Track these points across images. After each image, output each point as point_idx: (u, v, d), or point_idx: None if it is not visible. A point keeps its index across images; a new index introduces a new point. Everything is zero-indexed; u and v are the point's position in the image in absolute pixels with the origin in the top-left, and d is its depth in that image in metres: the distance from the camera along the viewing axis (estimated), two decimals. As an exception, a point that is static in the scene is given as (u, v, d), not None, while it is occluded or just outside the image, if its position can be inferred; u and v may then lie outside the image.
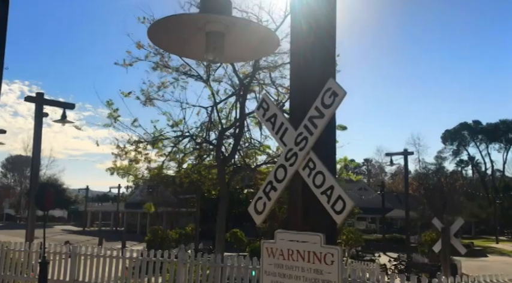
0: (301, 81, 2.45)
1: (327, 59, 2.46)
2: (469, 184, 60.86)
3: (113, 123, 12.45)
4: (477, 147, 71.12)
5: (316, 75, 2.38)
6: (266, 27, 4.17)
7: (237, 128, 13.10)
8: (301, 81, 2.45)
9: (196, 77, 12.83)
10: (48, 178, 66.35)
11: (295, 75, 2.51)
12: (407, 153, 27.56)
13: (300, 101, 2.44)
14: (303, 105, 2.36)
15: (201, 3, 2.75)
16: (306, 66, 2.43)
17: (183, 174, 14.06)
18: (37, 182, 13.51)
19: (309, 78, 2.40)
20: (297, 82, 2.49)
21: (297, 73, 2.49)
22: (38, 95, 13.70)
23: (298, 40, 2.50)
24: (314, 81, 2.36)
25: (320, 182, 2.17)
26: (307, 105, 2.30)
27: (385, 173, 76.80)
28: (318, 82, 2.30)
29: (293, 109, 2.55)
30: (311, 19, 2.44)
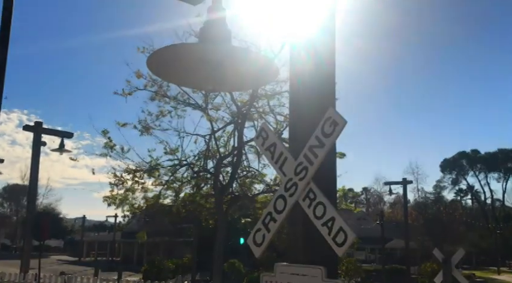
0: (300, 110, 2.44)
1: (326, 87, 2.45)
2: (469, 214, 60.45)
3: (109, 153, 12.43)
4: (476, 177, 71.01)
5: (315, 104, 2.36)
6: (265, 56, 4.19)
7: (235, 156, 13.07)
8: (300, 110, 2.44)
9: (194, 106, 12.88)
10: (45, 207, 65.81)
11: (294, 104, 2.50)
12: (406, 182, 27.48)
13: (299, 130, 2.41)
14: (302, 134, 2.34)
15: (200, 33, 2.76)
16: (304, 95, 2.42)
17: (180, 203, 13.94)
18: (34, 212, 13.37)
19: (308, 107, 2.38)
20: (296, 111, 2.47)
21: (296, 102, 2.48)
22: (36, 124, 13.72)
23: (296, 69, 2.50)
24: (313, 110, 2.34)
25: (321, 213, 2.12)
26: (307, 134, 2.27)
27: (384, 202, 76.41)
28: (317, 111, 2.28)
29: (292, 138, 2.52)
30: (310, 48, 2.44)
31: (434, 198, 68.31)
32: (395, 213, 62.55)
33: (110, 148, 12.41)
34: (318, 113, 2.26)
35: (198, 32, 2.81)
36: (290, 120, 2.61)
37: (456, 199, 70.89)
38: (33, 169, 12.95)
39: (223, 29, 2.70)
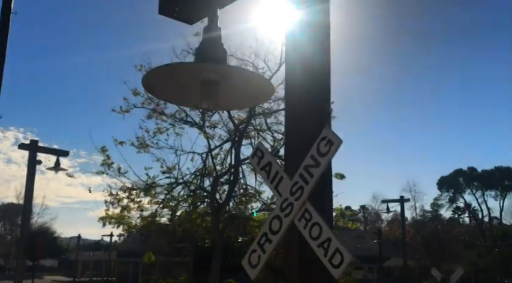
0: (295, 128, 2.43)
1: (322, 106, 2.44)
2: (467, 232, 60.23)
3: (106, 170, 12.38)
4: (473, 194, 70.92)
5: (311, 123, 2.35)
6: (261, 75, 4.20)
7: (232, 174, 13.03)
8: (295, 128, 2.43)
9: (192, 123, 12.90)
10: (40, 226, 65.17)
11: (290, 123, 2.49)
12: (403, 201, 27.43)
13: (295, 149, 2.40)
14: (298, 153, 2.32)
15: (196, 52, 2.77)
16: (300, 113, 2.41)
17: (177, 222, 13.84)
18: (28, 231, 13.23)
19: (304, 126, 2.37)
20: (292, 130, 2.46)
21: (292, 120, 2.47)
22: (32, 142, 13.67)
23: (292, 87, 2.50)
24: (309, 128, 2.33)
25: (316, 234, 2.09)
26: (303, 153, 2.26)
27: (381, 220, 76.09)
28: (313, 130, 2.27)
29: (288, 157, 2.50)
30: (306, 66, 2.45)
31: (432, 216, 68.12)
32: (393, 231, 62.24)
33: (108, 166, 12.36)
34: (314, 131, 2.25)
35: (194, 51, 2.82)
36: (286, 139, 2.60)
37: (454, 218, 70.67)
38: (28, 188, 12.85)
39: (219, 49, 2.71)
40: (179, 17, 3.21)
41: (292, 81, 2.50)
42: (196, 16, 3.22)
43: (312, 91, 2.42)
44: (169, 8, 3.16)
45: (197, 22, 3.29)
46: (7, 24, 4.37)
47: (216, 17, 2.78)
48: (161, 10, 3.18)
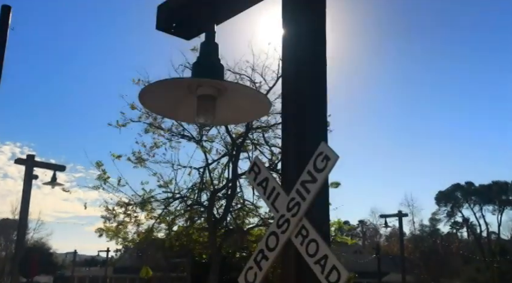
0: (292, 143, 2.42)
1: (319, 120, 2.44)
2: (465, 247, 59.98)
3: (102, 185, 12.33)
4: (471, 209, 70.76)
5: (307, 138, 2.35)
6: (257, 90, 4.21)
7: (230, 188, 12.98)
8: (292, 143, 2.42)
9: (189, 138, 12.89)
10: (36, 242, 64.56)
11: (287, 138, 2.49)
12: (401, 215, 27.36)
13: (291, 164, 2.39)
14: (295, 168, 2.31)
15: (193, 68, 2.78)
16: (296, 128, 2.40)
17: (173, 237, 13.74)
18: (23, 247, 13.11)
19: (301, 141, 2.37)
20: (289, 144, 2.45)
21: (288, 135, 2.47)
22: (29, 157, 13.63)
23: (288, 102, 2.50)
24: (306, 143, 2.32)
25: (313, 251, 2.06)
26: (300, 169, 2.25)
27: (380, 235, 75.75)
28: (310, 144, 2.27)
29: (285, 172, 2.49)
30: (302, 81, 2.45)
31: (430, 231, 67.90)
32: (391, 246, 61.96)
33: (104, 180, 12.30)
34: (311, 147, 2.24)
35: (191, 66, 2.83)
36: (282, 153, 2.59)
37: (452, 232, 70.45)
38: (23, 204, 12.76)
39: (216, 64, 2.72)
40: (176, 32, 3.23)
41: (288, 95, 2.50)
42: (193, 32, 3.24)
43: (308, 104, 2.42)
44: (166, 24, 3.18)
45: (194, 37, 3.31)
46: (4, 39, 4.39)
47: (213, 32, 2.79)
48: (159, 25, 3.20)
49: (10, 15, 8.18)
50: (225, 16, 3.04)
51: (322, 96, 2.46)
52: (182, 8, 3.11)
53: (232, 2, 2.98)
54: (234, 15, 3.06)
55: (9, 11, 7.99)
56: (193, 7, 3.05)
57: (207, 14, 2.95)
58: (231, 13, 3.03)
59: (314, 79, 2.46)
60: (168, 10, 3.16)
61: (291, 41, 2.53)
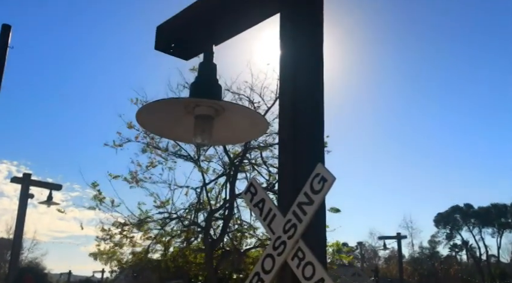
0: (289, 164, 2.40)
1: (315, 142, 2.43)
2: (465, 270, 59.38)
3: (98, 205, 12.23)
4: (470, 231, 70.34)
5: (304, 159, 2.33)
6: (255, 111, 4.22)
7: (227, 209, 12.89)
8: (289, 164, 2.40)
9: (186, 157, 12.84)
10: (30, 262, 63.71)
11: (283, 158, 2.47)
12: (400, 237, 27.16)
13: (288, 185, 2.37)
14: (292, 189, 2.29)
15: (191, 87, 2.78)
16: (293, 149, 2.39)
17: (170, 258, 13.58)
18: (16, 267, 12.93)
19: (297, 162, 2.35)
20: (285, 166, 2.44)
21: (285, 156, 2.45)
22: (25, 175, 13.55)
23: (285, 122, 2.49)
24: (303, 164, 2.31)
25: (310, 274, 2.03)
26: (296, 190, 2.23)
27: (378, 257, 75.04)
28: (306, 165, 2.25)
29: (281, 193, 2.47)
30: (299, 102, 2.45)
31: (430, 254, 67.31)
32: (390, 268, 61.31)
33: (99, 201, 12.22)
34: (307, 169, 2.23)
35: (190, 86, 2.84)
36: (279, 175, 2.57)
37: (451, 255, 69.87)
38: (18, 223, 12.63)
39: (214, 84, 2.72)
40: (175, 53, 3.25)
41: (284, 116, 2.50)
42: (192, 52, 3.26)
43: (305, 125, 2.42)
44: (165, 44, 3.21)
45: (193, 57, 3.33)
46: (3, 57, 4.42)
47: (211, 53, 2.81)
48: (157, 46, 3.22)
49: (10, 35, 8.24)
50: (223, 37, 3.06)
51: (319, 117, 2.46)
52: (181, 29, 3.13)
53: (231, 23, 3.00)
54: (232, 36, 3.08)
55: (9, 30, 8.06)
56: (192, 28, 3.07)
57: (205, 34, 2.97)
58: (229, 34, 3.06)
59: (311, 100, 2.47)
60: (167, 31, 3.18)
61: (288, 60, 2.54)
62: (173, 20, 3.15)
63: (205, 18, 2.99)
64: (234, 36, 3.08)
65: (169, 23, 3.18)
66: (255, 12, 2.86)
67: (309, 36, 2.54)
